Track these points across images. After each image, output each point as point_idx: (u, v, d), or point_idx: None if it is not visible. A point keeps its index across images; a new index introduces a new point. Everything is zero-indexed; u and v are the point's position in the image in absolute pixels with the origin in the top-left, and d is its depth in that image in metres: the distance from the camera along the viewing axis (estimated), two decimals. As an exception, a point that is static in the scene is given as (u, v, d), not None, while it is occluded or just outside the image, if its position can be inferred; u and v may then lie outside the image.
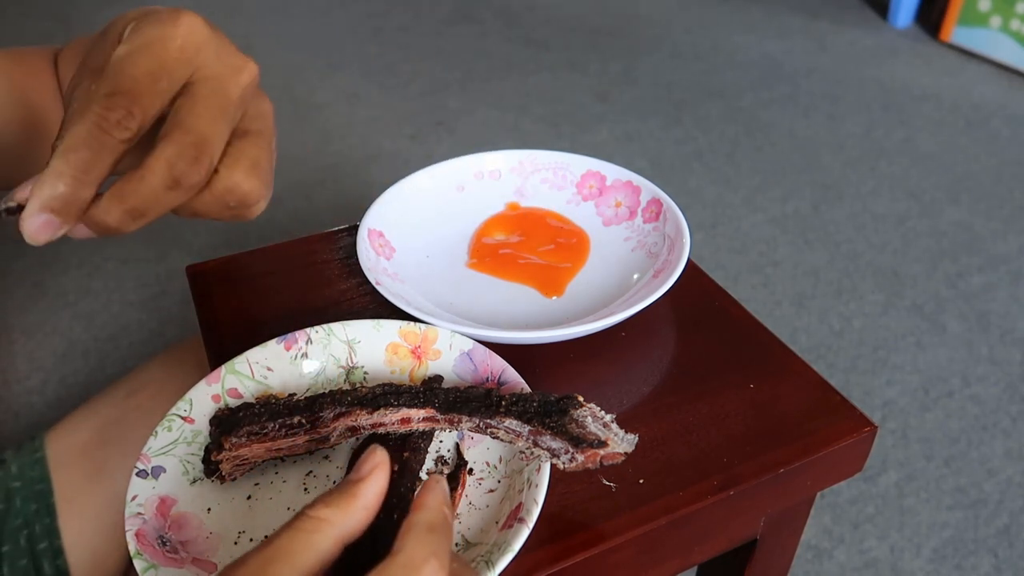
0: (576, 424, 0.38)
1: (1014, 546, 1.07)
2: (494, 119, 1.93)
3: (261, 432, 0.40)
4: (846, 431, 0.46)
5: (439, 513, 0.30)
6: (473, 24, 2.34)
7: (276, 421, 0.41)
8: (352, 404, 0.41)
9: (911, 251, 1.55)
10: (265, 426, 0.41)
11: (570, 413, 0.39)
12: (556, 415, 0.39)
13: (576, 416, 0.39)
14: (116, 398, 0.69)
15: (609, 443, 0.38)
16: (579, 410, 0.39)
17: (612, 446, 0.38)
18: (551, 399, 0.39)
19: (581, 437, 0.38)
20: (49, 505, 0.66)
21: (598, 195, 0.62)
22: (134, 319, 1.39)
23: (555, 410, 0.39)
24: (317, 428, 0.40)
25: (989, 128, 1.90)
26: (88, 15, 2.33)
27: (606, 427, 0.39)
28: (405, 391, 0.41)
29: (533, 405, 0.39)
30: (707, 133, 1.87)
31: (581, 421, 0.38)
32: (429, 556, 0.28)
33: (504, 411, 0.39)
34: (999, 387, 1.28)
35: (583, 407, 0.39)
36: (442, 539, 0.30)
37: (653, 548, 0.43)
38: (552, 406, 0.39)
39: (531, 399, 0.40)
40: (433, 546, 0.29)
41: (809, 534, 1.08)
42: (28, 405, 1.25)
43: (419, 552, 0.28)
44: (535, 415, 0.39)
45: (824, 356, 1.33)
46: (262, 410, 0.41)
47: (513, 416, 0.39)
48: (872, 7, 2.44)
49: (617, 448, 0.38)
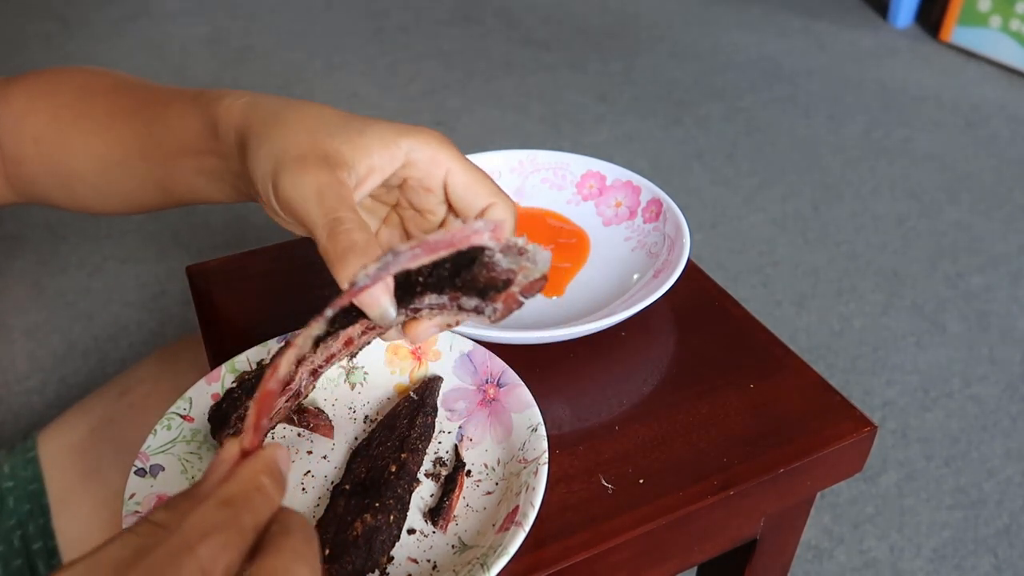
0: (486, 269, 0.36)
1: (1014, 546, 1.07)
2: (494, 119, 1.93)
3: (245, 414, 0.40)
4: (846, 431, 0.46)
5: (245, 484, 0.26)
6: (473, 24, 2.34)
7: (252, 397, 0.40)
8: None
9: (911, 251, 1.55)
10: (246, 406, 0.40)
11: (479, 259, 0.36)
12: (465, 269, 0.36)
13: (486, 259, 0.36)
14: (109, 397, 0.69)
15: (520, 273, 0.36)
16: (486, 252, 0.36)
17: (524, 276, 0.36)
18: (462, 251, 0.36)
19: (490, 283, 0.36)
20: (43, 505, 0.65)
21: (598, 195, 0.62)
22: (134, 319, 1.39)
23: (464, 263, 0.36)
24: (284, 387, 0.39)
25: (989, 128, 1.90)
26: (88, 15, 2.32)
27: (520, 254, 0.36)
28: (335, 316, 0.38)
29: (446, 268, 0.37)
30: (707, 133, 1.87)
31: (492, 262, 0.36)
32: (210, 530, 0.24)
33: (421, 290, 0.37)
34: (999, 387, 1.28)
35: (489, 247, 0.36)
36: (237, 513, 0.25)
37: (653, 548, 0.43)
38: (463, 257, 0.36)
39: (444, 263, 0.37)
40: (217, 520, 0.24)
41: (809, 534, 1.07)
42: (28, 405, 1.25)
43: (194, 530, 0.24)
44: (448, 279, 0.37)
45: (824, 356, 1.32)
46: (240, 392, 0.41)
47: (430, 291, 0.37)
48: (872, 7, 2.43)
49: (531, 276, 0.36)
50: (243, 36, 2.25)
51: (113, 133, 0.49)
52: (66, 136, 0.50)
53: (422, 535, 0.40)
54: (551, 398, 0.48)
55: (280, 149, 0.38)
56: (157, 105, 0.48)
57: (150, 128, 0.47)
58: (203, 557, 0.23)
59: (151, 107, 0.48)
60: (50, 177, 0.51)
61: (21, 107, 0.51)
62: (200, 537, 0.23)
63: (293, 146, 0.38)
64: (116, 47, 2.17)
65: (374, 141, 0.39)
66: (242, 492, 0.26)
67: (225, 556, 0.23)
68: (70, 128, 0.50)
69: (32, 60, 2.12)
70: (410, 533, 0.40)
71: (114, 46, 2.18)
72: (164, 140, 0.46)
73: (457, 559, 0.39)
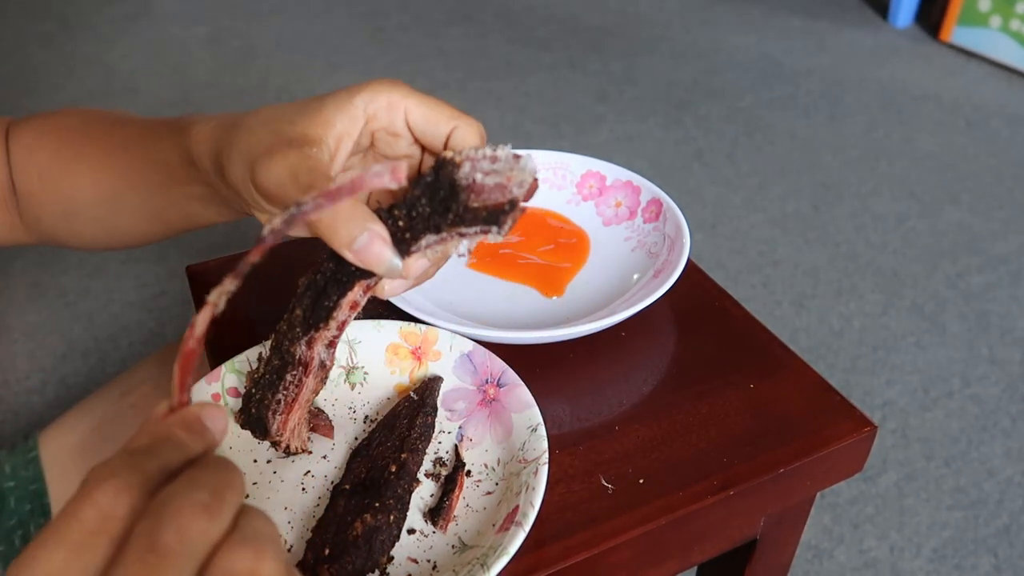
0: (474, 193, 0.35)
1: (1014, 546, 1.07)
2: (494, 119, 1.93)
3: (280, 404, 0.40)
4: (846, 431, 0.46)
5: (152, 435, 0.26)
6: (473, 24, 2.34)
7: (275, 390, 0.40)
8: (307, 328, 0.39)
9: (911, 251, 1.55)
10: (277, 401, 0.40)
11: (457, 184, 0.35)
12: (449, 197, 0.36)
13: (463, 181, 0.35)
14: (110, 398, 0.69)
15: (511, 184, 0.35)
16: (460, 171, 0.35)
17: (517, 185, 0.35)
18: (427, 181, 0.36)
19: (494, 209, 0.35)
20: (44, 505, 0.65)
21: (598, 195, 0.62)
22: (134, 319, 1.39)
23: (444, 192, 0.36)
24: (307, 367, 0.39)
25: (989, 128, 1.90)
26: (88, 15, 2.32)
27: (493, 161, 0.35)
28: (328, 283, 0.38)
29: (423, 204, 0.36)
30: (707, 133, 1.87)
31: (474, 183, 0.35)
32: (108, 476, 0.23)
33: (412, 236, 0.36)
34: (999, 387, 1.28)
35: (459, 165, 0.35)
36: (138, 459, 0.25)
37: (653, 548, 0.43)
38: (437, 188, 0.36)
39: (417, 201, 0.36)
40: (116, 466, 0.24)
41: (809, 534, 1.07)
42: (28, 405, 1.25)
43: (96, 478, 0.23)
44: (433, 213, 0.36)
45: (824, 356, 1.32)
46: (257, 391, 0.41)
47: (424, 232, 0.36)
48: (872, 7, 2.43)
49: (524, 181, 0.35)
50: (243, 36, 2.25)
51: (109, 167, 0.50)
52: (67, 171, 0.52)
53: (422, 535, 0.40)
54: (551, 398, 0.48)
55: (247, 151, 0.39)
56: (147, 139, 0.49)
57: (142, 161, 0.49)
58: (100, 501, 0.23)
59: (143, 140, 0.49)
60: (54, 212, 0.53)
61: (29, 144, 0.53)
62: (97, 483, 0.23)
63: (259, 143, 0.39)
64: (116, 47, 2.17)
65: (332, 111, 0.40)
66: (148, 442, 0.26)
67: (124, 498, 0.23)
68: (70, 164, 0.52)
69: (32, 60, 2.12)
70: (410, 533, 0.40)
71: (114, 46, 2.18)
72: (154, 172, 0.48)
73: (457, 559, 0.39)
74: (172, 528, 0.22)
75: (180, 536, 0.22)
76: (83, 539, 0.22)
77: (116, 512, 0.23)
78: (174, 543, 0.22)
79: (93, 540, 0.22)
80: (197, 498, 0.23)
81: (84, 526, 0.22)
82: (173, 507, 0.23)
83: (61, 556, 0.22)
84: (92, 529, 0.22)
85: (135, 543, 0.22)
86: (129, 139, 0.50)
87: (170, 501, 0.23)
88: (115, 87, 2.00)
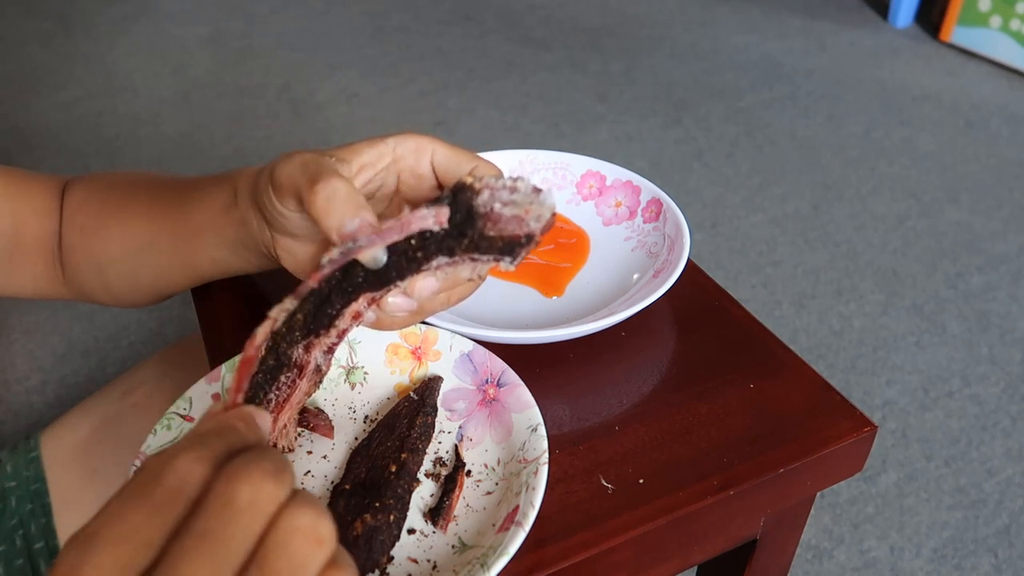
0: (491, 222, 0.35)
1: (1014, 546, 1.07)
2: (494, 119, 1.93)
3: (272, 404, 0.40)
4: (846, 431, 0.46)
5: (216, 423, 0.29)
6: (473, 24, 2.34)
7: (267, 389, 0.40)
8: (307, 332, 0.38)
9: (911, 251, 1.55)
10: (268, 400, 0.40)
11: (474, 211, 0.35)
12: (465, 223, 0.35)
13: (482, 210, 0.35)
14: (111, 397, 0.69)
15: (529, 216, 0.35)
16: (479, 198, 0.35)
17: (535, 219, 0.35)
18: (444, 199, 0.35)
19: (510, 241, 0.35)
20: (45, 505, 0.66)
21: (598, 195, 0.62)
22: (134, 319, 1.39)
23: (461, 217, 0.35)
24: (302, 370, 0.39)
25: (989, 128, 1.90)
26: (88, 15, 2.33)
27: (512, 192, 0.35)
28: (333, 292, 0.37)
29: (437, 231, 0.36)
30: (707, 133, 1.87)
31: (494, 213, 0.35)
32: (181, 451, 0.26)
33: (424, 255, 0.36)
34: (999, 387, 1.28)
35: (478, 192, 0.35)
36: (207, 441, 0.27)
37: (653, 548, 0.43)
38: (455, 211, 0.35)
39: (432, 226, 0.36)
40: (185, 444, 0.27)
41: (809, 534, 1.08)
42: (28, 405, 1.25)
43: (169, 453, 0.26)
44: (447, 236, 0.36)
45: (824, 356, 1.32)
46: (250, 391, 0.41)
47: (437, 253, 0.36)
48: (872, 7, 2.43)
49: (542, 215, 0.35)
50: (243, 36, 2.25)
51: (146, 221, 0.52)
52: (106, 225, 0.53)
53: (422, 535, 0.40)
54: (551, 398, 0.48)
55: (275, 163, 0.41)
56: (195, 191, 0.51)
57: (182, 211, 0.50)
58: (179, 468, 0.25)
59: (188, 193, 0.51)
60: (88, 265, 0.54)
61: (80, 199, 0.54)
62: (176, 453, 0.26)
63: (287, 158, 0.41)
64: (116, 47, 2.17)
65: (362, 144, 0.43)
66: (213, 428, 0.29)
67: (199, 467, 0.26)
68: (111, 218, 0.53)
69: (32, 60, 2.12)
70: (410, 533, 0.40)
71: (114, 46, 2.18)
72: (191, 219, 0.50)
73: (457, 559, 0.39)
74: (247, 487, 0.25)
75: (254, 494, 0.25)
76: (165, 497, 0.25)
77: (193, 477, 0.25)
78: (248, 499, 0.25)
79: (174, 498, 0.25)
80: (266, 466, 0.26)
81: (166, 487, 0.25)
82: (246, 471, 0.25)
83: (145, 511, 0.24)
84: (173, 489, 0.25)
85: (213, 499, 0.25)
86: (177, 193, 0.52)
87: (244, 466, 0.26)
88: (115, 87, 2.00)
